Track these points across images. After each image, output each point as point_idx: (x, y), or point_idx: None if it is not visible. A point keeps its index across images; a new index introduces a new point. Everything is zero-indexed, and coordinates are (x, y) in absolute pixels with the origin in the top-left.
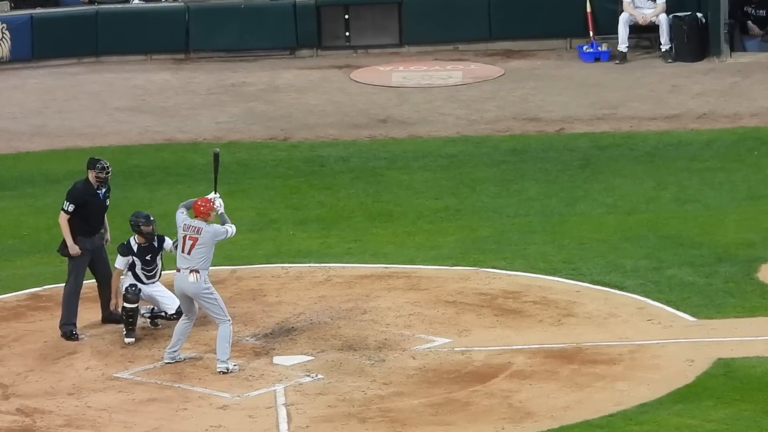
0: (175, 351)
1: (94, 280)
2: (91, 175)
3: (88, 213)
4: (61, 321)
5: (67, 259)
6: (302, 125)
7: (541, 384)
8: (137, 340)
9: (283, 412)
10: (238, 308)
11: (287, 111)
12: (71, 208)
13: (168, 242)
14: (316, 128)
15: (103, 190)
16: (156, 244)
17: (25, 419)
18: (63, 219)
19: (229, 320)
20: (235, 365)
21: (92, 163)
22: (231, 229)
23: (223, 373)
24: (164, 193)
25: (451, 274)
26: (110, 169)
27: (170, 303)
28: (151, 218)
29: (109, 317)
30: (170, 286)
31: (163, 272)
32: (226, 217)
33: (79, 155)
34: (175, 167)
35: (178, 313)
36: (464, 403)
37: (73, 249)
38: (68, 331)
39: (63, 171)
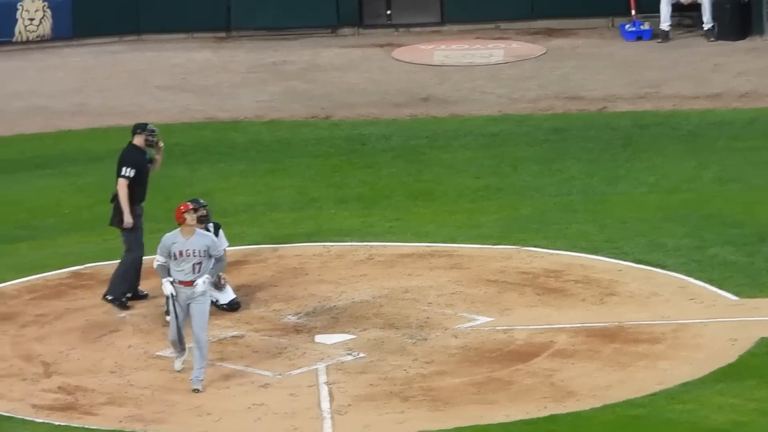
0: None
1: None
2: (140, 140)
3: (142, 178)
4: (111, 293)
5: (121, 232)
6: (343, 104)
7: (583, 363)
8: None
9: (324, 391)
10: (280, 287)
11: (328, 89)
12: (132, 173)
13: (223, 241)
14: (357, 107)
15: (147, 156)
16: (212, 229)
17: (67, 397)
18: (123, 186)
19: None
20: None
21: (141, 127)
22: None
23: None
24: (205, 172)
25: (492, 253)
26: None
27: (223, 293)
28: (202, 201)
29: (135, 294)
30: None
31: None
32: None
33: (119, 134)
34: (215, 146)
35: (230, 305)
36: (506, 382)
37: (128, 219)
38: (117, 298)
39: (104, 149)
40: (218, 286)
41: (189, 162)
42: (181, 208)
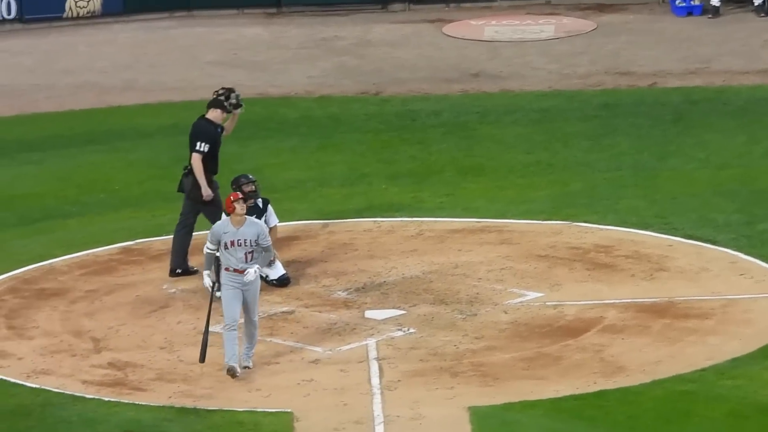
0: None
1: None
2: (216, 113)
3: (215, 151)
4: (174, 266)
5: (191, 205)
6: (394, 79)
7: (632, 338)
8: None
9: (374, 367)
10: (330, 263)
11: (379, 65)
12: (206, 147)
13: (273, 218)
14: (407, 82)
15: (219, 128)
16: (261, 204)
17: (116, 373)
18: (198, 160)
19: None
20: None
21: (225, 97)
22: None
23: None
24: (255, 148)
25: (542, 228)
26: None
27: (273, 269)
28: (251, 177)
29: (186, 270)
30: None
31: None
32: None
33: (170, 109)
34: (265, 122)
35: (280, 280)
36: (556, 358)
37: (207, 192)
38: (177, 267)
39: (154, 125)
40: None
41: (239, 138)
42: (231, 197)
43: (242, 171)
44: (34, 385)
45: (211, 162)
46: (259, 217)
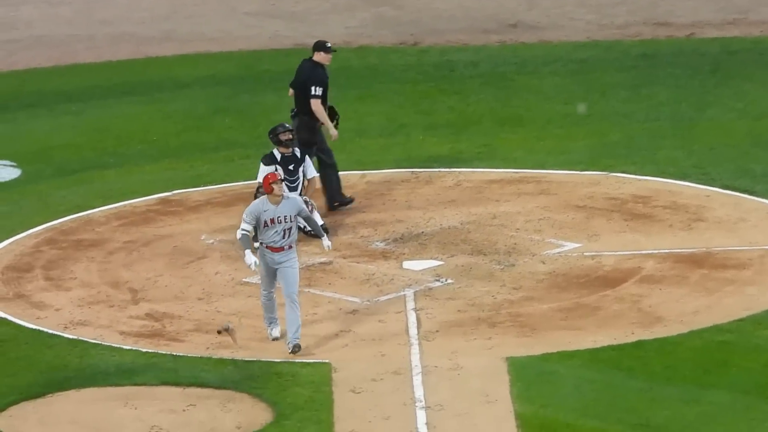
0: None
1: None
2: (321, 56)
3: (326, 94)
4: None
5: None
6: (432, 30)
7: (670, 289)
8: None
9: (412, 317)
10: (368, 213)
11: (417, 16)
12: (321, 91)
13: (311, 169)
14: (445, 33)
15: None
16: (299, 154)
17: (154, 324)
18: (318, 104)
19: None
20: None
21: (322, 45)
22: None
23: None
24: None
25: (581, 178)
26: None
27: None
28: (288, 126)
29: (342, 201)
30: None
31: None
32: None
33: (208, 60)
34: None
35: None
36: (594, 308)
37: (334, 132)
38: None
39: (192, 76)
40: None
41: (277, 89)
42: (269, 177)
43: (280, 121)
44: (71, 336)
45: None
46: (297, 166)
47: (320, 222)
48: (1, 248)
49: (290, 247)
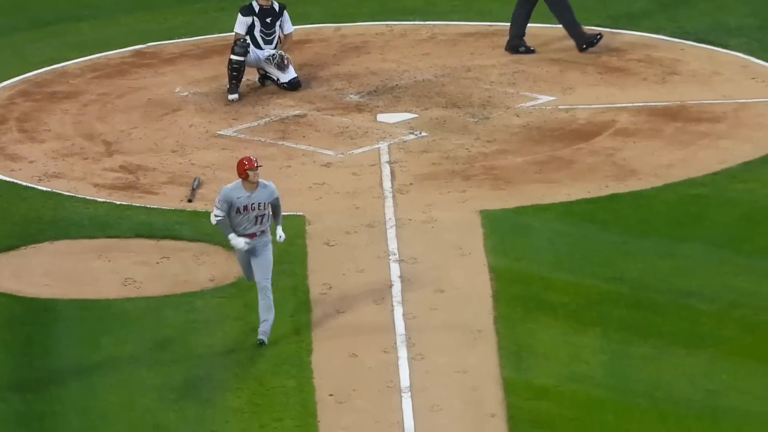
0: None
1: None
2: None
3: None
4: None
5: None
6: None
7: (645, 142)
8: (241, 97)
9: (386, 170)
10: (342, 66)
11: None
12: None
13: (288, 24)
14: None
15: None
16: (277, 8)
17: (128, 176)
18: None
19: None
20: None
21: None
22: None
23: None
24: None
25: (555, 32)
26: None
27: (284, 73)
28: None
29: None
30: None
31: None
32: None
33: None
34: None
35: (291, 83)
36: (568, 161)
37: None
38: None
39: None
40: (281, 65)
41: None
42: (245, 163)
43: None
44: (45, 189)
45: None
46: (274, 20)
47: (294, 76)
48: None
49: (263, 232)
